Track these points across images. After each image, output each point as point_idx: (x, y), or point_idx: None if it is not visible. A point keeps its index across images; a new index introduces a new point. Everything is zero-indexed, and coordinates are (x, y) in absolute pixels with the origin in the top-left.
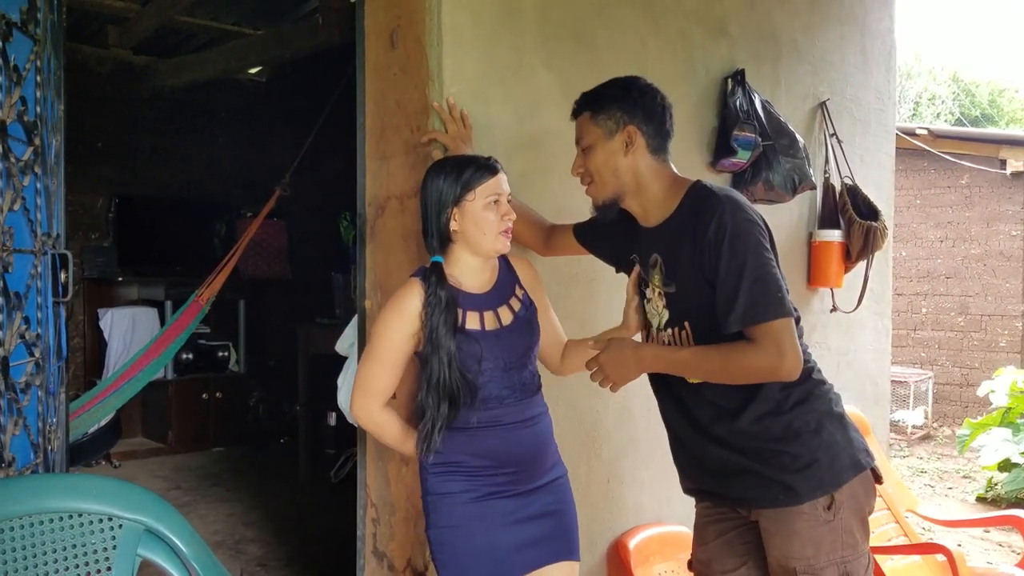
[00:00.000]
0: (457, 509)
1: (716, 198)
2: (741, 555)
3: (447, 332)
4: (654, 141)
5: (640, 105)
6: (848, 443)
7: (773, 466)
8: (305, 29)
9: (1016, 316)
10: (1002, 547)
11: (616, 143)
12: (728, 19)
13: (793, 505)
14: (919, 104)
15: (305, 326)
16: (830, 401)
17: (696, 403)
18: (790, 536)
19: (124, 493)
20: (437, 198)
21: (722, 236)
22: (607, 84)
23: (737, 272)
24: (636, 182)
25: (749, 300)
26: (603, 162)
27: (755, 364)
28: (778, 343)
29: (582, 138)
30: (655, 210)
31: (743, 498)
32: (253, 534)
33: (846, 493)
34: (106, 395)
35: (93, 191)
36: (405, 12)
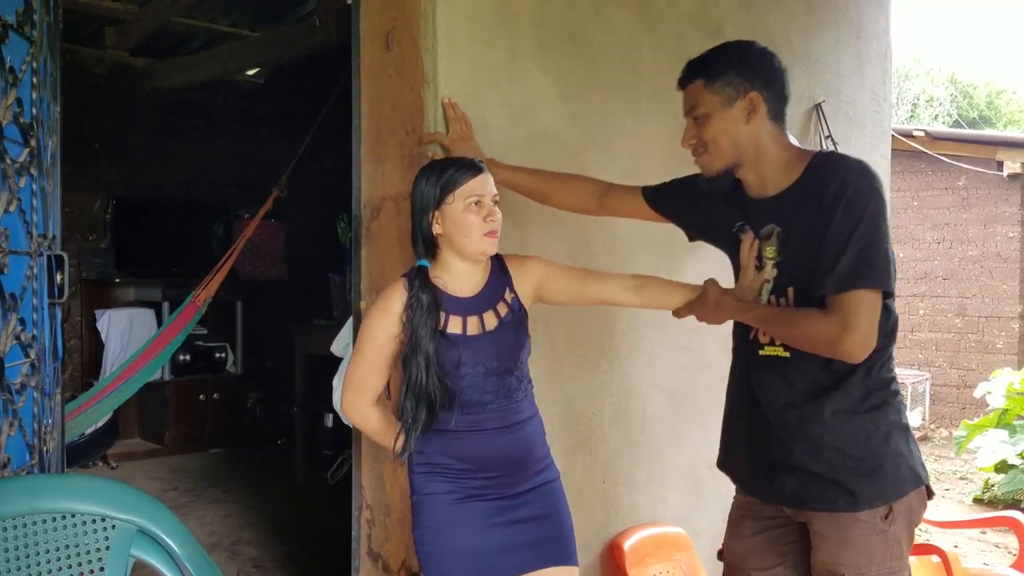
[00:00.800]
0: (439, 509)
1: (845, 162)
2: (781, 554)
3: (427, 335)
4: (774, 107)
5: (760, 70)
6: (910, 455)
7: (836, 468)
8: (302, 31)
9: (1013, 318)
10: (999, 548)
11: (736, 111)
12: (724, 21)
13: (851, 511)
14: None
15: (302, 327)
16: (899, 412)
17: (773, 385)
18: (844, 542)
19: (117, 494)
20: (420, 201)
21: (840, 197)
22: (720, 50)
23: (847, 235)
24: (756, 151)
25: (852, 263)
26: (721, 131)
27: (817, 332)
28: (851, 314)
29: (696, 107)
30: (775, 179)
31: (797, 497)
32: (250, 535)
33: (904, 505)
34: (103, 396)
35: (91, 192)
36: (400, 15)
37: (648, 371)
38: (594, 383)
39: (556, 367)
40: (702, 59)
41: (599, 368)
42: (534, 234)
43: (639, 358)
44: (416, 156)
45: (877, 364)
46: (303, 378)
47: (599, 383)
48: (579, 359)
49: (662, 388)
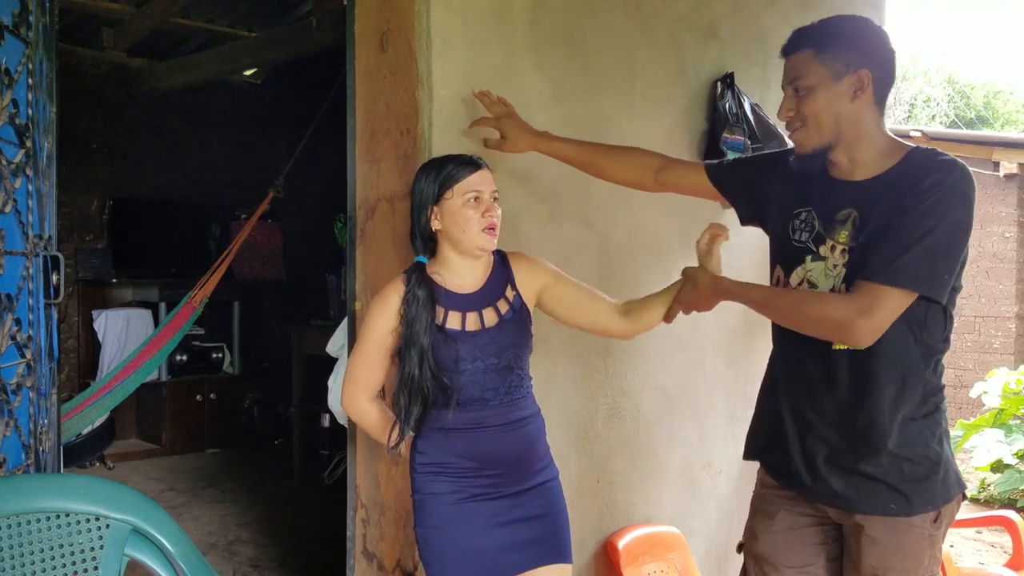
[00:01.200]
0: (443, 510)
1: (946, 159)
2: (812, 554)
3: (422, 330)
4: (881, 91)
5: (874, 48)
6: (953, 460)
7: (892, 471)
8: (299, 31)
9: (1009, 317)
10: (994, 547)
11: (844, 87)
12: (718, 23)
13: (904, 515)
14: (914, 106)
15: (299, 327)
16: (946, 417)
17: (844, 379)
18: (896, 547)
19: (111, 493)
20: (419, 198)
21: (931, 194)
22: (835, 21)
23: (917, 234)
24: (856, 132)
25: (911, 260)
26: (825, 106)
27: (831, 313)
28: (872, 303)
29: (801, 77)
30: (869, 164)
31: (848, 499)
32: (247, 535)
33: (950, 509)
34: (99, 396)
35: (88, 193)
36: (395, 16)
37: (643, 371)
38: (589, 383)
39: (551, 367)
40: (815, 28)
41: (594, 368)
42: (528, 236)
43: (633, 358)
44: (411, 157)
45: (935, 369)
46: (300, 378)
47: (594, 383)
48: (574, 359)
49: (657, 388)
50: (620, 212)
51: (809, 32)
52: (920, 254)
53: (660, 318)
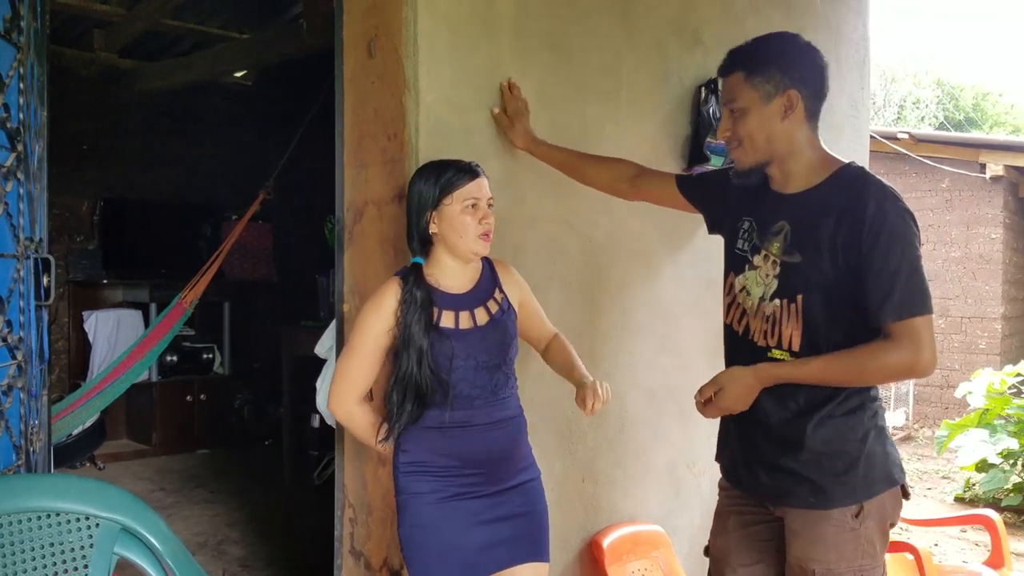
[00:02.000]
0: (425, 509)
1: (878, 183)
2: (761, 551)
3: (420, 330)
4: (812, 105)
5: (801, 66)
6: (885, 457)
7: (811, 466)
8: (290, 33)
9: (995, 318)
10: (978, 546)
11: (774, 108)
12: (702, 29)
13: (823, 508)
14: (904, 108)
15: (289, 328)
16: (876, 414)
17: (770, 394)
18: (815, 539)
19: (101, 493)
20: (417, 201)
21: (881, 225)
22: (763, 41)
23: (896, 264)
24: (788, 148)
25: (905, 294)
26: (757, 126)
27: (893, 361)
28: (919, 339)
29: (734, 100)
30: (799, 178)
31: (774, 492)
32: (236, 535)
33: (875, 504)
34: (90, 397)
35: (78, 194)
36: (382, 22)
37: (628, 372)
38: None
39: (537, 368)
40: (745, 50)
41: None
42: (512, 239)
43: (619, 359)
44: (398, 161)
45: None
46: (290, 379)
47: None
48: None
49: (642, 388)
50: (601, 215)
51: (740, 55)
52: (906, 283)
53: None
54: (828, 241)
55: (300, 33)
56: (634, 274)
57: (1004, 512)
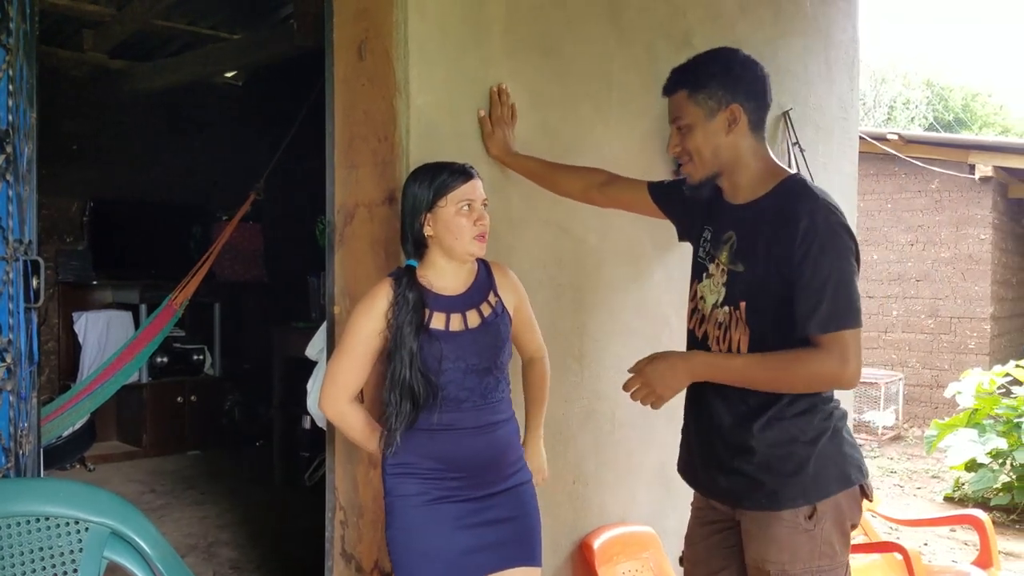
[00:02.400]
0: (411, 512)
1: (813, 196)
2: (725, 556)
3: (411, 332)
4: (755, 117)
5: (743, 81)
6: (841, 458)
7: (763, 468)
8: (281, 34)
9: (984, 319)
10: (967, 545)
11: (718, 123)
12: (693, 32)
13: (774, 510)
14: (894, 108)
15: (280, 329)
16: (831, 417)
17: (720, 391)
18: (768, 540)
19: (91, 497)
20: (412, 203)
21: (812, 237)
22: (705, 59)
23: (824, 277)
24: (735, 160)
25: (832, 307)
26: (703, 142)
27: (820, 371)
28: (845, 351)
29: (680, 117)
30: (745, 189)
31: (730, 495)
32: (227, 537)
33: (829, 505)
34: (80, 399)
35: (68, 195)
36: (373, 25)
37: (617, 373)
38: (564, 386)
39: None
40: (687, 68)
41: (569, 371)
42: (504, 242)
43: (608, 361)
44: (389, 163)
45: None
46: (281, 380)
47: (569, 386)
48: (550, 362)
49: None
50: (592, 218)
51: (683, 73)
52: (834, 295)
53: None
54: (766, 252)
55: (290, 34)
56: (624, 276)
57: (993, 511)
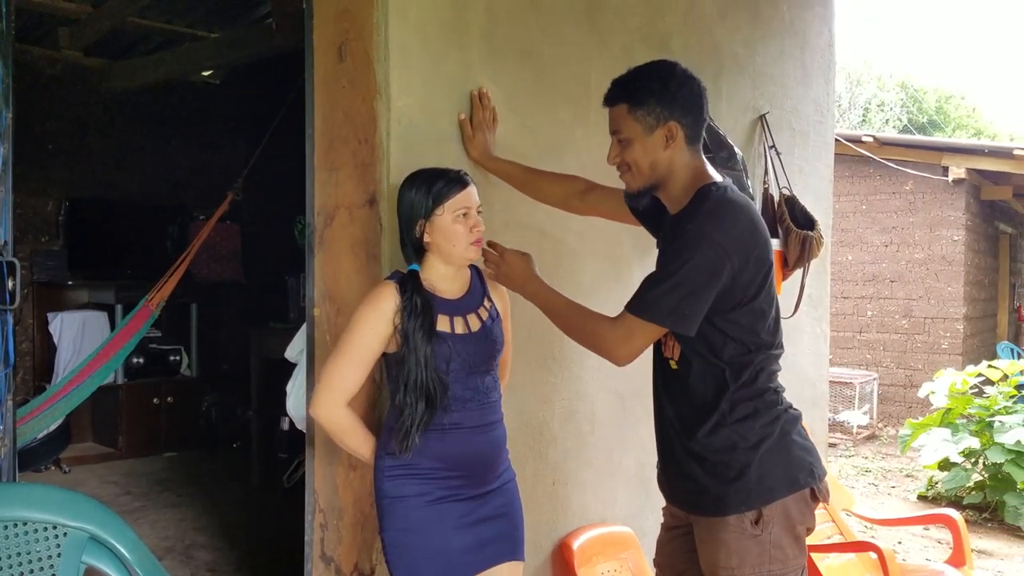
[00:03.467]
0: (412, 512)
1: (704, 207)
2: (688, 561)
3: (424, 336)
4: (692, 132)
5: (680, 98)
6: (788, 462)
7: (710, 475)
8: (259, 33)
9: (957, 319)
10: (941, 543)
11: (656, 138)
12: (671, 36)
13: (720, 516)
14: (868, 110)
15: (258, 330)
16: (777, 421)
17: (674, 397)
18: (717, 545)
19: (69, 502)
20: (409, 211)
21: (684, 239)
22: (643, 73)
23: (671, 272)
24: (670, 174)
25: (648, 296)
26: (642, 155)
27: (599, 335)
28: (629, 333)
29: (620, 131)
30: (676, 201)
31: (683, 500)
32: (204, 539)
33: (776, 509)
34: (55, 400)
35: (43, 194)
36: (353, 27)
37: (597, 374)
38: (545, 387)
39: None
40: (626, 82)
41: (550, 372)
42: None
43: (588, 361)
44: (369, 165)
45: (745, 379)
46: (259, 381)
47: (550, 387)
48: (530, 364)
49: (611, 390)
50: (573, 220)
51: (623, 87)
52: (666, 292)
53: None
54: (659, 259)
55: (268, 33)
56: (604, 277)
57: (966, 510)
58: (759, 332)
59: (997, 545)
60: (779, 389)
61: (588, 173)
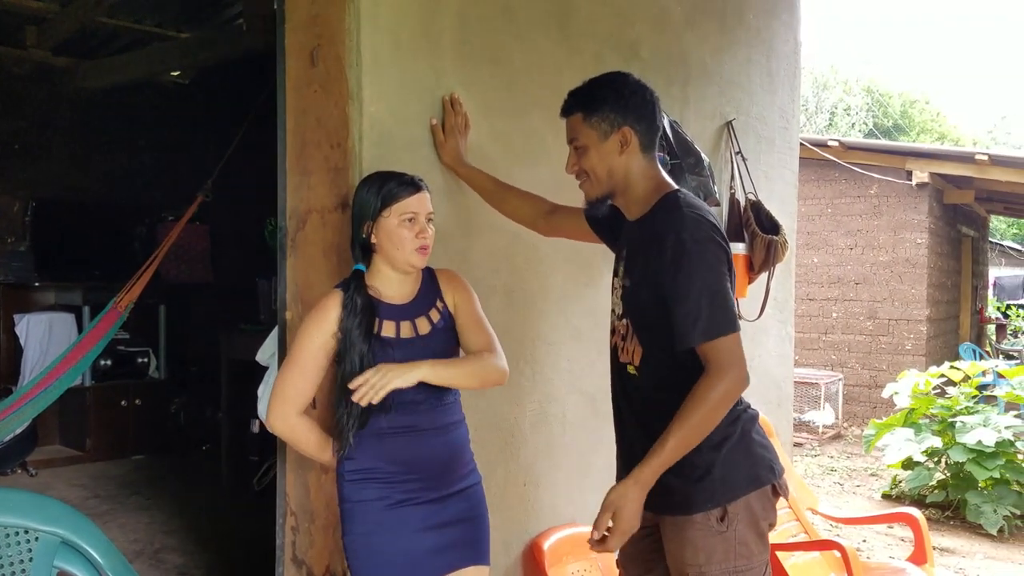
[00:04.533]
0: (372, 516)
1: (680, 214)
2: (652, 560)
3: (361, 335)
4: (646, 139)
5: (632, 105)
6: (750, 460)
7: (672, 475)
8: (229, 34)
9: (921, 320)
10: (903, 541)
11: (611, 144)
12: (640, 43)
13: (686, 514)
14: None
15: (228, 332)
16: (738, 421)
17: (630, 399)
18: (683, 543)
19: (40, 506)
20: (359, 210)
21: (681, 253)
22: (597, 83)
23: (697, 290)
24: (627, 181)
25: (710, 317)
26: (598, 162)
27: (720, 393)
28: (731, 357)
29: (576, 138)
30: (635, 207)
31: (649, 502)
32: (174, 543)
33: (740, 506)
34: (21, 404)
35: (9, 194)
36: (325, 32)
37: (568, 376)
38: (516, 389)
39: None
40: (582, 92)
41: (521, 375)
42: (457, 248)
43: (559, 364)
44: (341, 170)
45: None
46: (229, 383)
47: (521, 389)
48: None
49: (582, 392)
50: None
51: (578, 97)
52: (712, 306)
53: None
54: (644, 268)
55: (238, 34)
56: (575, 282)
57: (929, 508)
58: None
59: (959, 543)
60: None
61: (559, 178)
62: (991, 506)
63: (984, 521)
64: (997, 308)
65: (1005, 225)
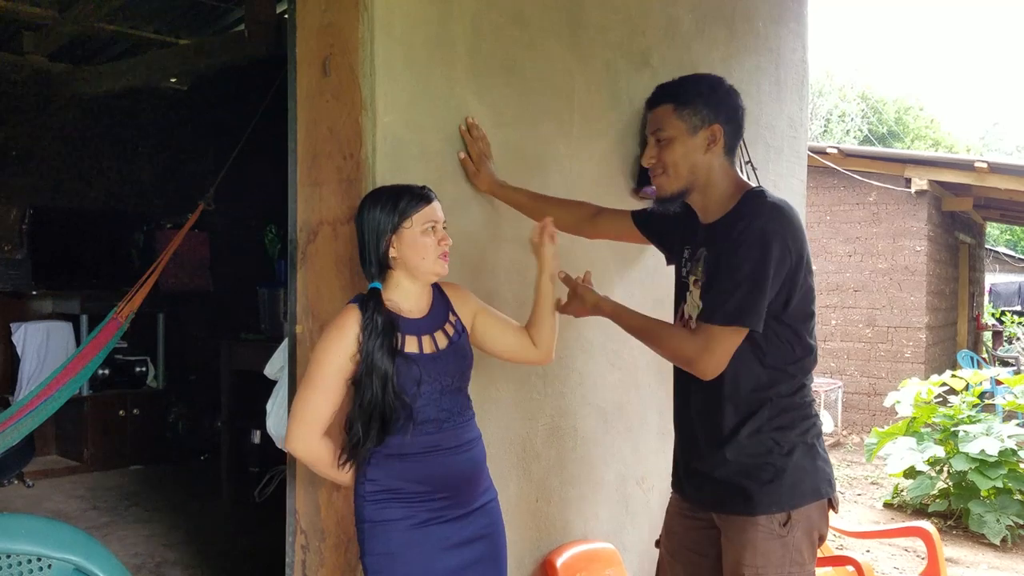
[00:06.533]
0: (395, 536)
1: (764, 204)
2: (700, 554)
3: (383, 355)
4: (731, 141)
5: (725, 105)
6: (814, 471)
7: (743, 476)
8: (230, 40)
9: (920, 328)
10: (907, 551)
11: (699, 140)
12: (650, 51)
13: (750, 515)
14: (830, 121)
15: (228, 341)
16: (807, 432)
17: (706, 401)
18: (744, 544)
19: (54, 532)
20: (375, 227)
21: (742, 238)
22: (692, 79)
23: (744, 274)
24: (707, 179)
25: (740, 305)
26: (682, 156)
27: (682, 349)
28: (709, 344)
29: (662, 129)
30: (714, 208)
31: (712, 502)
32: (175, 556)
33: (801, 514)
34: (20, 416)
35: (7, 202)
36: (338, 41)
37: (580, 390)
38: (529, 404)
39: (491, 389)
40: (675, 84)
41: (534, 389)
42: (471, 260)
43: (571, 377)
44: (354, 181)
45: (789, 392)
46: (229, 393)
47: (533, 404)
48: (513, 380)
49: (593, 406)
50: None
51: (671, 88)
52: (741, 294)
53: (554, 329)
54: (726, 264)
55: (240, 40)
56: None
57: (931, 517)
58: (804, 335)
59: (963, 553)
60: (813, 400)
61: (571, 187)
62: (994, 516)
63: (987, 531)
64: (992, 315)
65: (998, 231)
